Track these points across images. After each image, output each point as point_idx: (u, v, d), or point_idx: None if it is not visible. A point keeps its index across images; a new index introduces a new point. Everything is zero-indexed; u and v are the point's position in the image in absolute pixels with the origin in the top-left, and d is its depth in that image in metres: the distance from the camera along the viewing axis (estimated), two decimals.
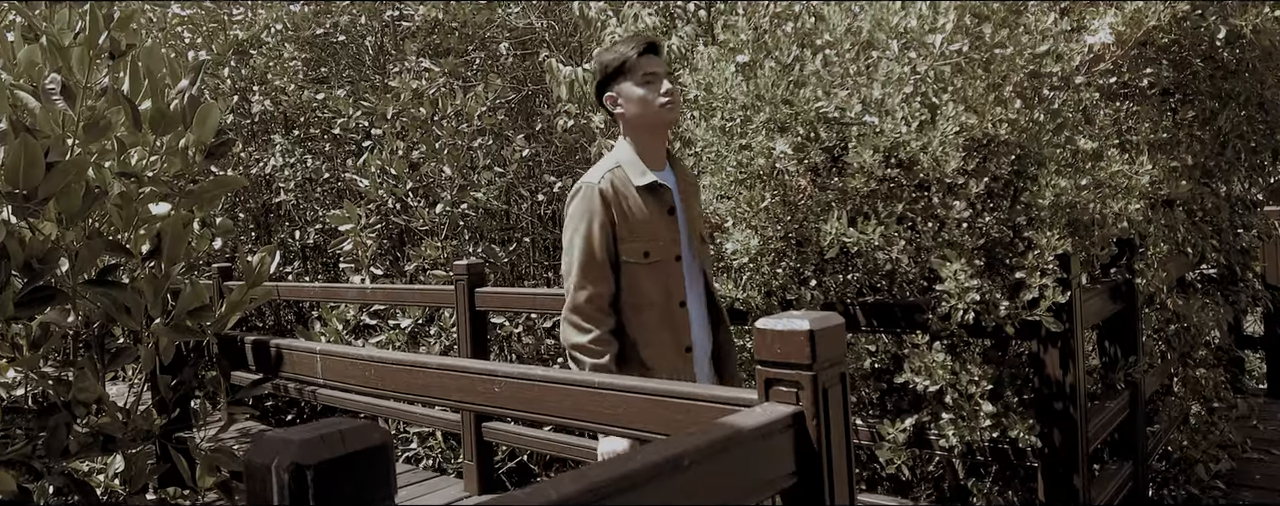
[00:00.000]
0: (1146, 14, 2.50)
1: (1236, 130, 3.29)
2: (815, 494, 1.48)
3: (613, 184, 2.28)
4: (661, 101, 2.29)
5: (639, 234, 2.28)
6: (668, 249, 2.32)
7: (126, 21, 2.93)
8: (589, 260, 2.25)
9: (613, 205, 2.26)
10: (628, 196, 2.29)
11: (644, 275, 2.28)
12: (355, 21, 8.09)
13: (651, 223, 2.30)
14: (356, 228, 6.06)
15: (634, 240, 2.28)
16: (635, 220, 2.28)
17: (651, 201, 2.31)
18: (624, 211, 2.27)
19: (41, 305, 2.46)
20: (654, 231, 2.30)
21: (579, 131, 5.43)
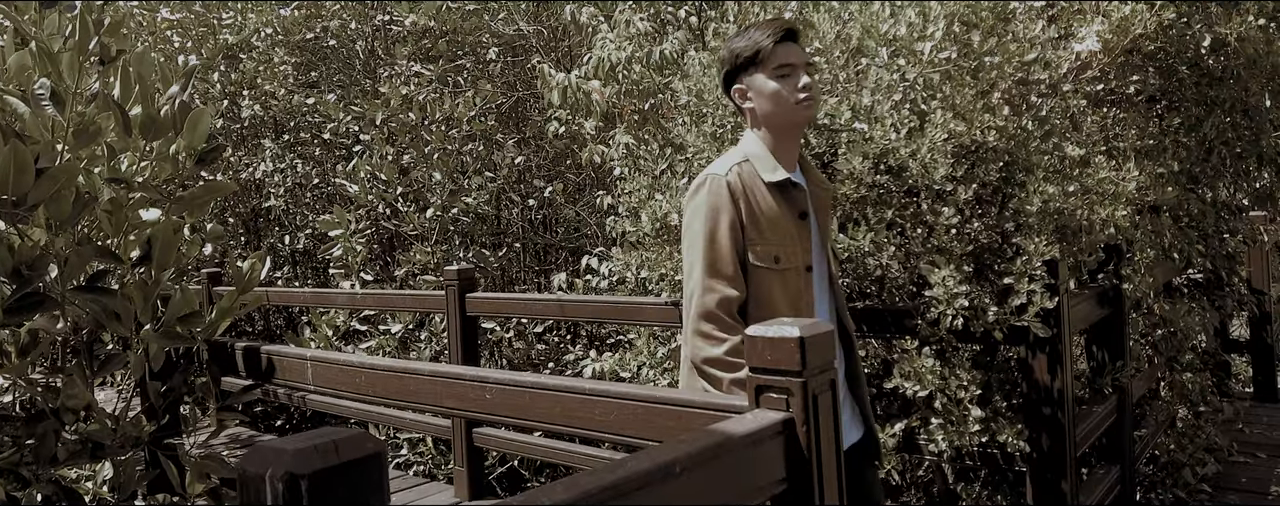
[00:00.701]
0: (1133, 22, 2.52)
1: (1222, 136, 3.32)
2: (805, 499, 1.49)
3: (741, 177, 2.02)
4: (799, 98, 2.03)
5: (769, 236, 2.02)
6: (799, 256, 2.05)
7: (117, 27, 2.93)
8: (717, 259, 1.98)
9: (740, 199, 2.00)
10: (757, 193, 2.02)
11: (773, 283, 2.01)
12: (345, 26, 8.09)
13: (782, 224, 2.04)
14: (346, 233, 6.05)
15: (763, 242, 2.01)
16: (765, 219, 2.02)
17: (782, 201, 2.05)
18: (753, 209, 2.01)
19: (30, 312, 2.45)
20: (784, 235, 2.04)
21: (570, 138, 5.43)
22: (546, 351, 5.57)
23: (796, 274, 2.04)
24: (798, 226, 2.06)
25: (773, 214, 2.03)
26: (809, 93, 2.04)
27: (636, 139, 3.95)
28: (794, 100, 2.03)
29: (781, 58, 2.03)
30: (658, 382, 3.84)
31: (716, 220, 2.00)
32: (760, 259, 2.01)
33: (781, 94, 2.03)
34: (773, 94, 2.04)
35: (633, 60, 3.79)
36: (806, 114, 2.06)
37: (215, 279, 5.98)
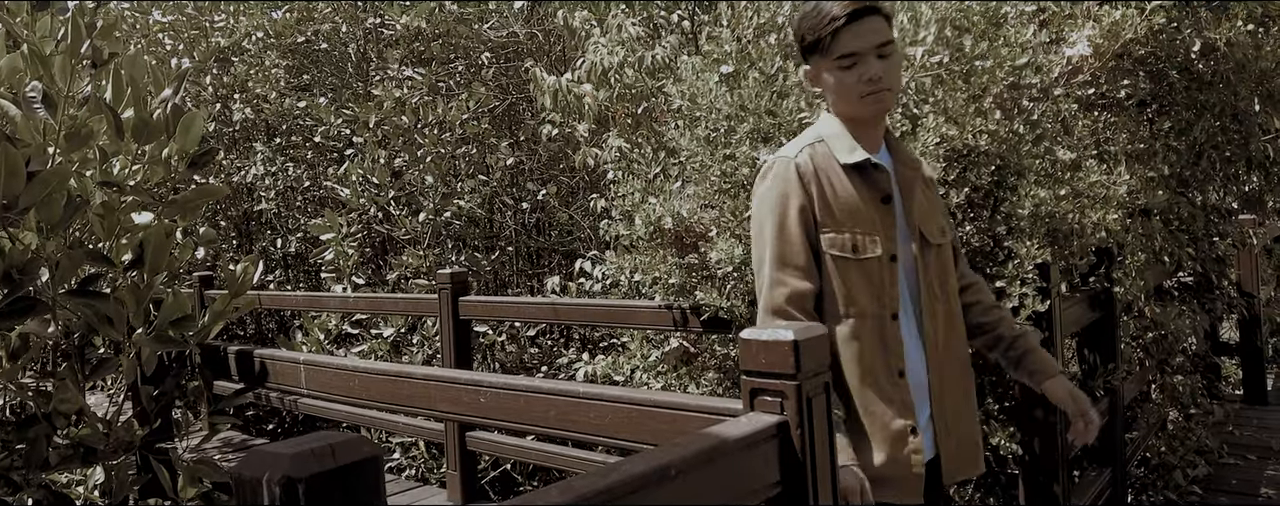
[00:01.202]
0: (1123, 26, 2.54)
1: (1211, 141, 3.34)
2: (800, 503, 1.49)
3: (812, 159, 1.84)
4: (863, 92, 1.79)
5: (844, 222, 1.82)
6: (881, 244, 1.82)
7: (109, 29, 2.92)
8: (786, 249, 1.81)
9: (811, 184, 1.82)
10: (832, 175, 1.83)
11: (852, 274, 1.82)
12: (337, 29, 8.08)
13: (861, 209, 1.83)
14: (339, 236, 6.04)
15: (837, 229, 1.82)
16: (840, 204, 1.82)
17: (861, 185, 1.84)
18: (825, 192, 1.82)
19: (22, 316, 2.44)
20: (863, 220, 1.83)
21: (563, 141, 5.44)
22: (540, 355, 5.57)
23: (879, 264, 1.82)
24: (880, 211, 1.84)
25: (850, 198, 1.82)
26: (875, 86, 1.77)
27: (630, 142, 3.96)
28: (858, 94, 1.79)
29: (845, 46, 1.76)
30: (651, 385, 3.84)
31: (785, 206, 1.82)
32: (836, 247, 1.81)
33: (845, 86, 1.79)
34: (835, 87, 1.82)
35: (625, 64, 3.79)
36: (874, 108, 1.81)
37: (207, 282, 5.97)
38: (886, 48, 1.78)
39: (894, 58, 1.80)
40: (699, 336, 3.74)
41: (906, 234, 1.88)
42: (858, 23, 1.77)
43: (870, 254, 1.81)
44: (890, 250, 1.83)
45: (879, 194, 1.85)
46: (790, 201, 1.82)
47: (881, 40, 1.77)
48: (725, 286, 2.95)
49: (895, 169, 1.89)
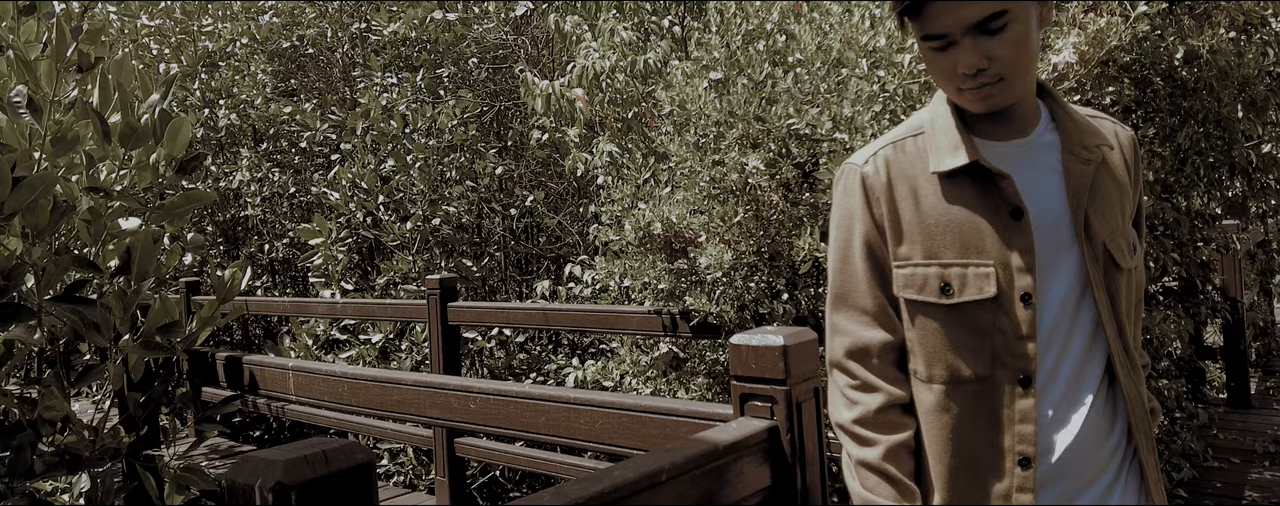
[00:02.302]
0: (1108, 34, 2.57)
1: (1195, 146, 3.37)
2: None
3: (891, 164, 1.33)
4: (961, 87, 1.25)
5: (932, 250, 1.28)
6: (1000, 279, 1.25)
7: (95, 34, 2.91)
8: (848, 287, 1.36)
9: (882, 200, 1.33)
10: (918, 183, 1.30)
11: (941, 323, 1.28)
12: (324, 34, 8.07)
13: (966, 232, 1.27)
14: (327, 241, 6.02)
15: (916, 261, 1.30)
16: (927, 225, 1.29)
17: (970, 195, 1.27)
18: (900, 209, 1.31)
19: (7, 323, 2.42)
20: (967, 247, 1.27)
21: (552, 146, 5.45)
22: (528, 360, 5.57)
23: (994, 308, 1.25)
24: (1003, 231, 1.25)
25: (942, 216, 1.28)
26: (975, 80, 1.22)
27: (620, 147, 3.96)
28: (955, 87, 1.26)
29: (930, 24, 1.22)
30: (640, 390, 3.85)
31: (848, 232, 1.37)
32: (912, 288, 1.30)
33: (939, 73, 1.27)
34: (931, 72, 1.30)
35: (616, 69, 3.80)
36: (980, 106, 1.26)
37: (194, 288, 5.94)
38: (996, 21, 1.18)
39: (1012, 32, 1.19)
40: (688, 341, 3.75)
41: (1073, 256, 1.27)
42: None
43: (975, 295, 1.25)
44: (1024, 287, 1.24)
45: (1002, 206, 1.26)
46: (855, 226, 1.35)
47: (984, 15, 1.18)
48: (714, 292, 2.96)
49: (1065, 161, 1.28)
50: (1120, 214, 1.30)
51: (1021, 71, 1.22)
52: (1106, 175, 1.29)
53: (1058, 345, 1.27)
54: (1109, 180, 1.29)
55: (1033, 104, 1.29)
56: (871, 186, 1.33)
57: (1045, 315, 1.26)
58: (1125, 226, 1.31)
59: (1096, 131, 1.32)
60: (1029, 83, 1.25)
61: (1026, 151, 1.29)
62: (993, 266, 1.25)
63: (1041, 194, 1.27)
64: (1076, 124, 1.30)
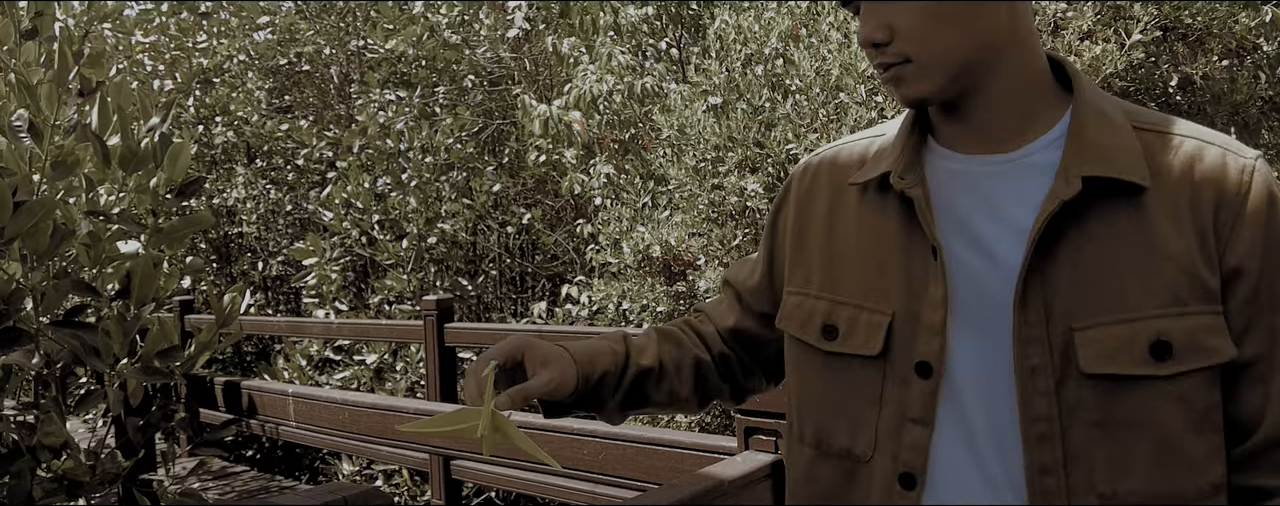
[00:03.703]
0: (1104, 61, 2.59)
1: None
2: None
3: (825, 167, 1.03)
4: (874, 67, 0.93)
5: (830, 278, 0.97)
6: (897, 334, 0.90)
7: (97, 58, 2.92)
8: (731, 273, 1.13)
9: (793, 210, 1.04)
10: (840, 196, 0.99)
11: (818, 376, 0.96)
12: (320, 52, 8.09)
13: (866, 264, 0.94)
14: (321, 260, 6.01)
15: (810, 290, 0.98)
16: (833, 249, 0.97)
17: (891, 219, 0.93)
18: (809, 224, 1.01)
19: (7, 347, 2.42)
20: (869, 284, 0.93)
21: (550, 165, 5.46)
22: None
23: (882, 374, 0.90)
24: (916, 274, 0.90)
25: (852, 239, 0.96)
26: (877, 60, 0.89)
27: (617, 168, 3.98)
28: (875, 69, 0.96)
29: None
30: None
31: (770, 219, 1.10)
32: (794, 322, 0.98)
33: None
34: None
35: (614, 92, 3.82)
36: (898, 99, 0.92)
37: (187, 307, 5.92)
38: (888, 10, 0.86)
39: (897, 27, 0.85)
40: None
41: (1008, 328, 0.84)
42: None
43: (857, 348, 0.92)
44: (923, 352, 0.88)
45: (926, 239, 0.89)
46: (776, 215, 1.07)
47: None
48: None
49: (1053, 190, 0.84)
50: (1142, 288, 0.81)
51: (944, 50, 0.85)
52: (1132, 223, 0.82)
53: (964, 447, 0.86)
54: (1134, 232, 0.82)
55: (1031, 107, 0.89)
56: (795, 191, 1.05)
57: (952, 398, 0.86)
58: (1151, 309, 0.80)
59: (1145, 156, 0.84)
60: (973, 72, 0.86)
61: (1002, 172, 0.88)
62: (890, 316, 0.90)
63: (992, 233, 0.86)
64: (1099, 144, 0.84)
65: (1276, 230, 0.82)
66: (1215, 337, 0.80)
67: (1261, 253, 0.81)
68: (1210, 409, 0.80)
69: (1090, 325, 0.80)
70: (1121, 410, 0.79)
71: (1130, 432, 0.79)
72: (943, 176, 0.91)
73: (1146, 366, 0.79)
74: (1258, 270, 0.81)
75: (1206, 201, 0.82)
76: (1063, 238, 0.82)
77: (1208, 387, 0.80)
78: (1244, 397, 0.82)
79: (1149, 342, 0.79)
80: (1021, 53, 0.87)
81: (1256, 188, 0.82)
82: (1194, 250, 0.81)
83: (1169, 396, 0.79)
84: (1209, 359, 0.79)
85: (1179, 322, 0.79)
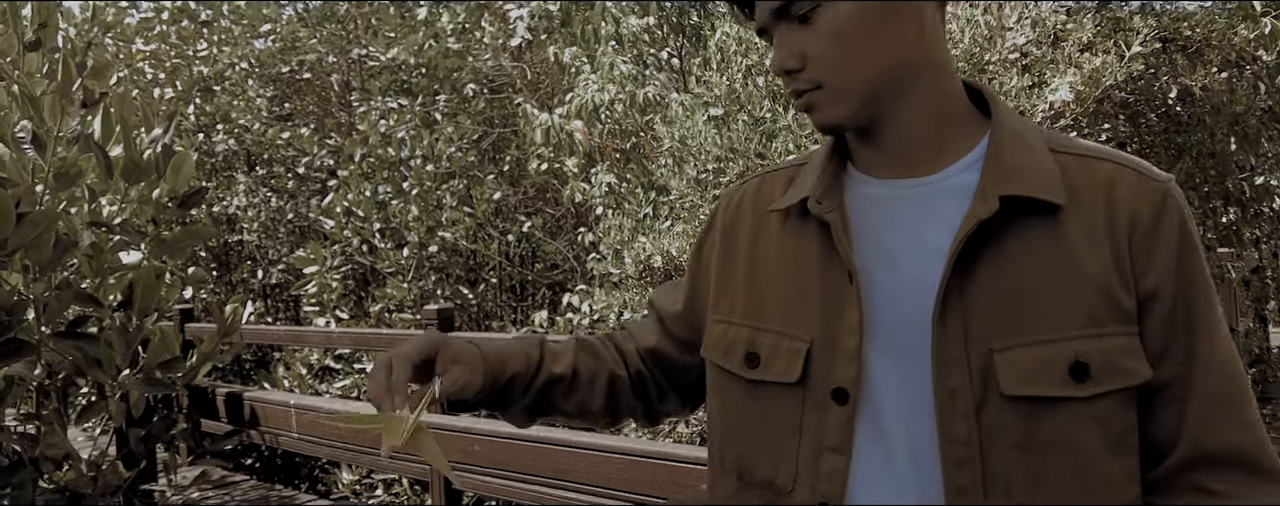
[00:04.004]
0: (1104, 74, 2.60)
1: (1189, 181, 3.41)
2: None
3: (752, 194, 1.03)
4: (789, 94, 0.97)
5: (753, 306, 0.96)
6: (815, 361, 0.89)
7: (100, 70, 2.93)
8: (657, 296, 1.13)
9: (718, 239, 1.04)
10: (764, 223, 1.00)
11: (741, 405, 0.95)
12: (322, 59, 8.11)
13: (787, 291, 0.94)
14: (323, 269, 6.02)
15: (734, 318, 0.98)
16: (755, 277, 0.97)
17: (811, 245, 0.93)
18: (735, 252, 1.01)
19: (9, 358, 2.42)
20: (790, 311, 0.93)
21: (551, 173, 5.47)
22: None
23: (801, 402, 0.89)
24: (833, 299, 0.89)
25: (774, 266, 0.96)
26: (790, 86, 0.90)
27: (618, 177, 3.99)
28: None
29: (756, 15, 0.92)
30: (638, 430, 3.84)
31: (696, 245, 1.09)
32: (717, 351, 0.98)
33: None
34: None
35: (615, 101, 3.83)
36: (812, 119, 0.93)
37: (187, 315, 5.92)
38: (799, 5, 0.86)
39: (828, 21, 0.85)
40: None
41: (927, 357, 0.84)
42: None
43: (778, 375, 0.91)
44: (839, 378, 0.87)
45: (832, 268, 0.90)
46: (701, 245, 1.07)
47: (786, 14, 0.87)
48: None
49: (972, 211, 0.84)
50: (1061, 309, 0.81)
51: (854, 76, 0.85)
52: (1049, 243, 0.83)
53: (884, 472, 0.85)
54: (1051, 251, 0.83)
55: (946, 131, 0.89)
56: (720, 220, 1.05)
57: (872, 424, 0.86)
58: (1069, 330, 0.80)
59: (1062, 178, 0.85)
60: (885, 97, 0.87)
61: (920, 196, 0.89)
62: (809, 343, 0.89)
63: (911, 256, 0.86)
64: (1016, 166, 0.85)
65: (1189, 253, 0.83)
66: (1131, 359, 0.81)
67: (1175, 276, 0.82)
68: (1126, 431, 0.81)
69: (1010, 346, 0.80)
70: (1041, 431, 0.79)
71: (1049, 454, 0.79)
72: (861, 202, 0.91)
73: (1066, 387, 0.79)
74: (1172, 293, 0.82)
75: (1122, 224, 0.83)
76: (981, 258, 0.82)
77: (1124, 409, 0.81)
78: (1160, 419, 0.83)
79: (1068, 364, 0.79)
80: (934, 78, 0.88)
81: (1170, 211, 0.83)
82: (1110, 272, 0.81)
83: (1087, 417, 0.79)
84: (1126, 380, 0.80)
85: (1097, 344, 0.80)
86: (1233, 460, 0.82)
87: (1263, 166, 4.25)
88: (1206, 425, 0.82)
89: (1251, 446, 0.82)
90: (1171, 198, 0.84)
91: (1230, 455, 0.82)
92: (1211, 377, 0.82)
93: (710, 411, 1.00)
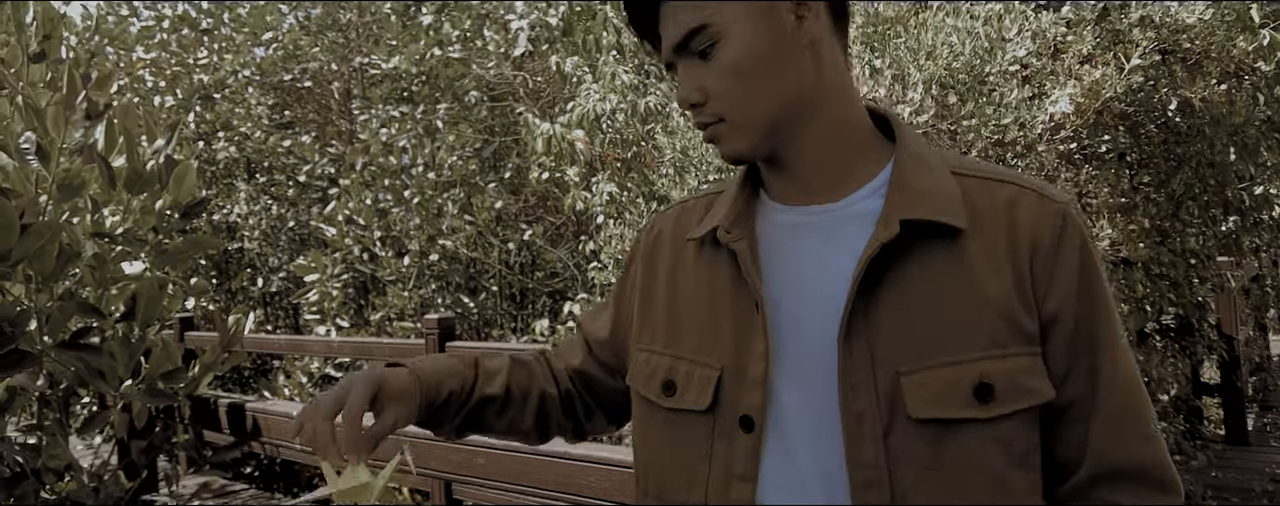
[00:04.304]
0: (1103, 86, 2.61)
1: (1189, 192, 3.42)
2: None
3: (672, 223, 1.06)
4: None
5: (672, 335, 0.98)
6: (725, 388, 0.90)
7: (104, 81, 2.94)
8: (584, 319, 1.17)
9: (641, 268, 1.07)
10: (682, 252, 1.01)
11: (661, 433, 0.96)
12: (324, 68, 8.12)
13: (701, 319, 0.95)
14: (324, 277, 6.02)
15: (655, 347, 0.99)
16: (673, 306, 0.99)
17: (722, 273, 0.95)
18: (655, 281, 1.03)
19: (12, 369, 2.42)
20: (703, 339, 0.94)
21: (552, 182, 5.48)
22: None
23: (712, 429, 0.90)
24: (741, 327, 0.91)
25: (690, 295, 0.98)
26: (695, 120, 0.92)
27: (620, 187, 3.99)
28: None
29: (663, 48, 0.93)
30: None
31: (620, 274, 1.13)
32: (640, 379, 0.99)
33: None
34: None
35: (616, 111, 3.84)
36: (718, 151, 0.94)
37: (187, 324, 5.92)
38: (696, 40, 0.87)
39: (724, 56, 0.87)
40: None
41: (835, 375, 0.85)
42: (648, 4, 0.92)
43: (690, 403, 0.92)
44: (745, 405, 0.88)
45: (742, 297, 0.92)
46: (624, 275, 1.11)
47: (682, 32, 0.88)
48: None
49: (875, 237, 0.85)
50: (964, 331, 0.82)
51: (754, 109, 0.87)
52: (952, 266, 0.84)
53: (791, 499, 0.85)
54: (953, 274, 0.83)
55: (851, 158, 0.91)
56: (641, 250, 1.08)
57: (781, 450, 0.86)
58: (972, 352, 0.81)
59: (964, 201, 0.86)
60: (786, 128, 0.88)
61: (827, 222, 0.90)
62: (719, 370, 0.90)
63: (817, 282, 0.87)
64: (919, 190, 0.86)
65: (1090, 274, 0.85)
66: (1034, 379, 0.82)
67: (1077, 297, 0.84)
68: (1030, 450, 0.82)
69: (916, 369, 0.81)
70: (948, 453, 0.80)
71: (956, 475, 0.80)
72: (771, 229, 0.93)
73: (971, 409, 0.80)
74: (1074, 314, 0.84)
75: (1023, 246, 0.84)
76: (885, 281, 0.84)
77: (1028, 429, 0.82)
78: (1066, 437, 0.85)
79: (972, 385, 0.80)
80: (835, 107, 0.90)
81: (1070, 233, 0.85)
82: (1012, 294, 0.83)
83: (992, 438, 0.80)
84: (1030, 400, 0.81)
85: (1000, 364, 0.81)
86: (1135, 475, 0.84)
87: (1262, 176, 4.26)
88: (1110, 443, 0.84)
89: (1153, 462, 0.85)
90: (1071, 219, 0.86)
91: (1133, 470, 0.84)
92: (1115, 396, 0.84)
93: (634, 438, 1.01)
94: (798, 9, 0.87)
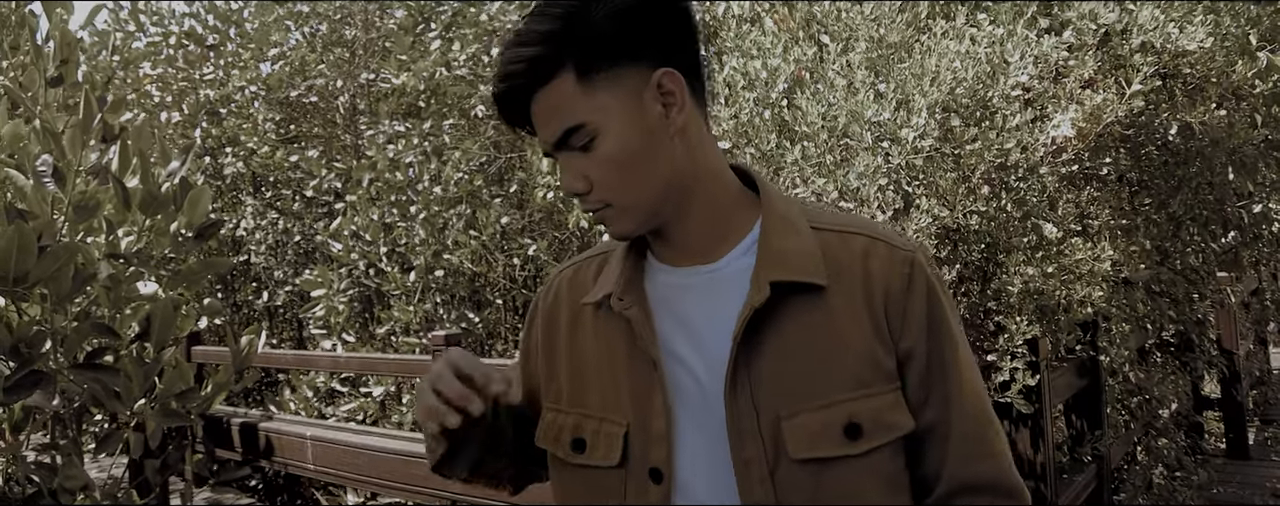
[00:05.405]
0: (1104, 110, 2.66)
1: (1189, 213, 3.46)
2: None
3: (566, 286, 1.12)
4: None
5: (576, 393, 1.04)
6: (632, 443, 0.97)
7: (119, 104, 2.98)
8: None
9: (541, 330, 1.12)
10: (580, 314, 1.08)
11: (576, 490, 1.03)
12: (330, 83, 8.16)
13: (602, 378, 1.02)
14: (330, 292, 6.06)
15: (561, 405, 1.06)
16: (575, 366, 1.05)
17: (620, 334, 1.01)
18: (556, 342, 1.09)
19: (29, 390, 2.46)
20: (607, 397, 1.01)
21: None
22: None
23: (623, 483, 0.97)
24: (641, 384, 0.98)
25: (591, 356, 1.04)
26: (586, 203, 0.99)
27: None
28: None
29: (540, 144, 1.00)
30: None
31: (523, 336, 1.18)
32: (549, 435, 1.05)
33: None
34: None
35: None
36: (608, 231, 1.02)
37: (194, 339, 5.95)
38: (576, 138, 0.94)
39: (603, 149, 0.94)
40: None
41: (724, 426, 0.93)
42: (519, 103, 0.97)
43: (601, 459, 0.98)
44: (654, 459, 0.95)
45: (638, 354, 0.98)
46: (527, 336, 1.16)
47: (557, 133, 0.94)
48: None
49: (750, 295, 0.94)
50: (833, 376, 0.91)
51: (636, 195, 0.95)
52: (817, 318, 0.93)
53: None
54: (819, 325, 0.93)
55: (727, 220, 1.00)
56: (540, 311, 1.13)
57: (686, 498, 0.94)
58: (840, 394, 0.91)
59: (821, 255, 0.96)
60: (668, 206, 0.97)
61: (708, 282, 0.99)
62: (625, 427, 0.97)
63: (708, 338, 0.95)
64: (784, 251, 0.95)
65: (936, 312, 0.96)
66: (897, 413, 0.93)
67: (927, 333, 0.95)
68: (897, 474, 0.94)
69: (795, 413, 0.91)
70: (828, 487, 0.90)
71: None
72: (662, 290, 1.02)
73: (843, 447, 0.90)
74: (926, 350, 0.95)
75: (878, 294, 0.95)
76: (762, 336, 0.93)
77: (895, 457, 0.93)
78: (928, 457, 0.96)
79: (842, 425, 0.91)
80: (706, 183, 0.99)
81: (917, 277, 0.96)
82: (871, 338, 0.94)
83: (865, 470, 0.91)
84: (894, 433, 0.92)
85: (866, 404, 0.92)
86: (988, 487, 0.96)
87: (1260, 194, 4.30)
88: (965, 460, 0.95)
89: (1000, 474, 0.97)
90: (918, 265, 0.97)
91: (987, 484, 0.95)
92: (966, 419, 0.96)
93: (553, 492, 1.07)
94: (663, 98, 0.94)
